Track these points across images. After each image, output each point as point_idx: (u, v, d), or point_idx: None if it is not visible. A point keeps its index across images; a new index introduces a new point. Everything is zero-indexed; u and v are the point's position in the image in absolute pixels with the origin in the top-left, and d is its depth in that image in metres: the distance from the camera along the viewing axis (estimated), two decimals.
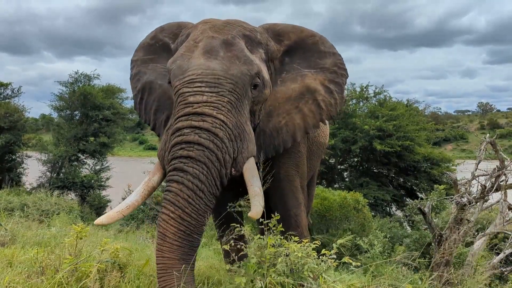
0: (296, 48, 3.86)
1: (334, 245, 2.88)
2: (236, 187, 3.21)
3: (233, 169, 2.90)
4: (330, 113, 3.87)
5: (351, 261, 2.84)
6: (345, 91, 4.12)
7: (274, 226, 2.97)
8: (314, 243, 2.92)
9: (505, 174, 4.81)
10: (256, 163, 3.14)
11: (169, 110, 3.69)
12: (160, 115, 3.86)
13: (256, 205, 2.79)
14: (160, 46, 4.05)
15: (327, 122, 5.12)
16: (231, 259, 2.96)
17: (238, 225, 2.98)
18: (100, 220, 2.76)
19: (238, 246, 2.93)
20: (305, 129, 3.78)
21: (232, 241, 2.96)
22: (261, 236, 2.93)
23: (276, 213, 3.17)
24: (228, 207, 3.10)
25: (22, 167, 18.66)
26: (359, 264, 2.94)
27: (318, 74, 3.84)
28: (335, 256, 2.84)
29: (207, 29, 3.33)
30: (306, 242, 2.91)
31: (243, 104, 3.09)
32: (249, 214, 2.75)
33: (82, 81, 18.61)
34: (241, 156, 2.95)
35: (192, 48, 3.19)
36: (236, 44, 3.23)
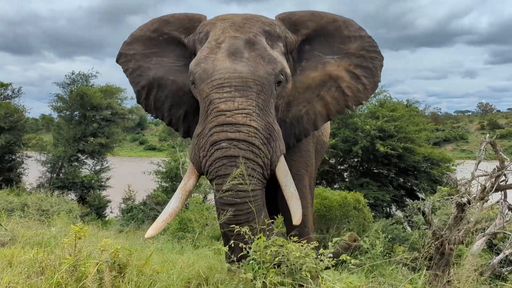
0: (316, 35, 3.76)
1: (329, 243, 2.88)
2: None
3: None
4: (359, 99, 3.79)
5: (348, 257, 2.83)
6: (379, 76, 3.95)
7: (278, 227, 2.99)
8: (312, 243, 2.91)
9: (505, 175, 4.81)
10: None
11: (188, 105, 3.71)
12: (176, 111, 3.82)
13: (296, 209, 2.97)
14: (165, 39, 3.90)
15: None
16: (231, 259, 2.95)
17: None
18: (149, 233, 2.98)
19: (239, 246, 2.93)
20: (328, 116, 3.76)
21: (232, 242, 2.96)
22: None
23: (280, 214, 3.19)
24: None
25: (22, 167, 18.69)
26: (357, 262, 2.94)
27: (342, 60, 3.75)
28: (331, 255, 2.83)
29: (227, 28, 3.28)
30: (305, 242, 2.91)
31: (269, 103, 3.11)
32: (293, 222, 2.92)
33: (80, 81, 18.62)
34: (275, 156, 3.02)
35: (215, 50, 3.15)
36: (259, 42, 3.20)
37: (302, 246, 2.83)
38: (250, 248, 2.84)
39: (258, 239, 2.84)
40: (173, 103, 3.81)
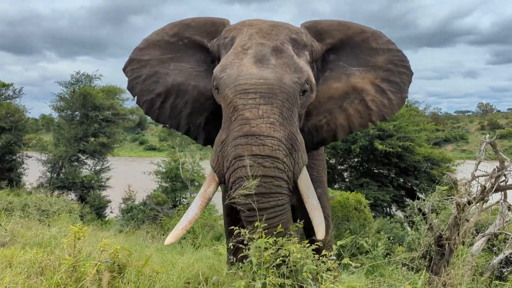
0: (342, 45, 3.69)
1: (333, 246, 2.88)
2: None
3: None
4: (384, 114, 3.70)
5: (351, 262, 2.83)
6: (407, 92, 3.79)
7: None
8: (315, 245, 2.91)
9: (505, 175, 4.79)
10: None
11: (209, 111, 3.60)
12: (196, 118, 3.68)
13: (319, 223, 2.90)
14: (185, 44, 3.78)
15: None
16: (230, 260, 2.96)
17: (238, 228, 2.96)
18: (169, 240, 2.90)
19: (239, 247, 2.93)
20: (350, 129, 3.70)
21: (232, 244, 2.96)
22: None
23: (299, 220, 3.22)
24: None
25: (23, 167, 18.69)
26: (358, 264, 2.94)
27: (368, 73, 3.66)
28: (335, 258, 2.84)
29: (254, 34, 3.21)
30: (306, 243, 2.91)
31: (293, 112, 3.04)
32: (318, 237, 2.86)
33: (83, 81, 18.65)
34: (297, 167, 2.95)
35: (241, 55, 3.09)
36: (286, 50, 3.14)
37: (303, 247, 2.83)
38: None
39: (257, 240, 2.84)
40: (193, 110, 3.67)
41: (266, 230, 2.76)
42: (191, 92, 3.65)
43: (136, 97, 3.84)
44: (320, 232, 2.88)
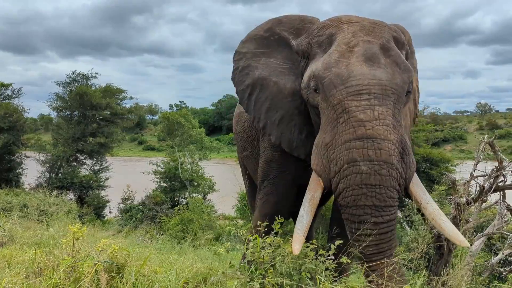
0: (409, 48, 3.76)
1: (332, 246, 2.88)
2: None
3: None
4: (416, 115, 3.93)
5: (348, 260, 2.84)
6: None
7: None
8: (312, 244, 2.92)
9: (503, 175, 4.80)
10: None
11: (284, 110, 3.61)
12: (273, 114, 3.70)
13: (451, 228, 2.75)
14: (276, 39, 3.84)
15: None
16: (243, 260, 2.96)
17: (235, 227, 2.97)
18: (298, 248, 2.75)
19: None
20: (409, 129, 3.81)
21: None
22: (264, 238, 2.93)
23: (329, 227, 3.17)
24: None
25: (21, 167, 18.64)
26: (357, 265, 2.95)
27: (415, 74, 3.87)
28: (333, 257, 2.84)
29: (358, 31, 3.10)
30: (305, 243, 2.91)
31: (401, 114, 2.96)
32: (462, 245, 2.77)
33: (80, 81, 18.62)
34: (409, 172, 2.82)
35: (347, 54, 2.97)
36: (393, 48, 3.06)
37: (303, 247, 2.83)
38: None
39: (254, 239, 2.84)
40: (271, 106, 3.69)
41: (376, 246, 2.67)
42: (271, 88, 3.70)
43: (235, 87, 4.01)
44: (458, 237, 2.75)
